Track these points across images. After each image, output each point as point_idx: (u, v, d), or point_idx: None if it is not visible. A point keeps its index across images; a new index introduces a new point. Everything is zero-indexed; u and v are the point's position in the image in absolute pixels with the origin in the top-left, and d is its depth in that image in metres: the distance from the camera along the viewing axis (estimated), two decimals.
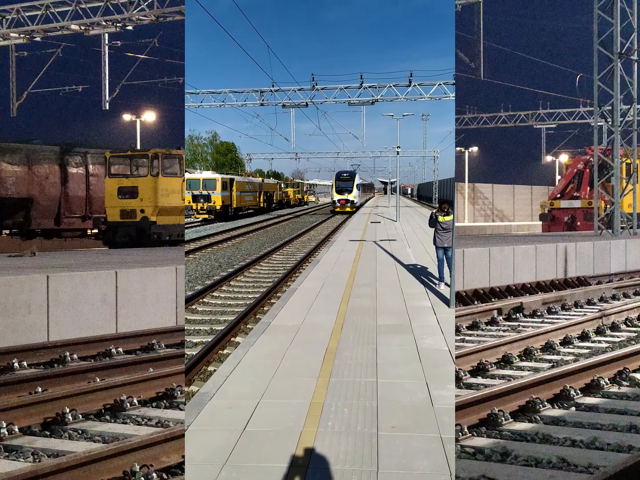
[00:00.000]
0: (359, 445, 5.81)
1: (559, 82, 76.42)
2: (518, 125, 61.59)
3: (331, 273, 17.30)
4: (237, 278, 19.86)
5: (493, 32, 52.11)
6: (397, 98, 46.24)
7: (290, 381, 7.74)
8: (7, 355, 11.13)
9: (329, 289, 14.66)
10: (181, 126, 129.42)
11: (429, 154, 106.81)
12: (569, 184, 43.30)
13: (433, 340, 9.67)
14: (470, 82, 43.14)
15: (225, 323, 13.55)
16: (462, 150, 74.92)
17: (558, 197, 43.41)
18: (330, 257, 21.18)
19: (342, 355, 8.91)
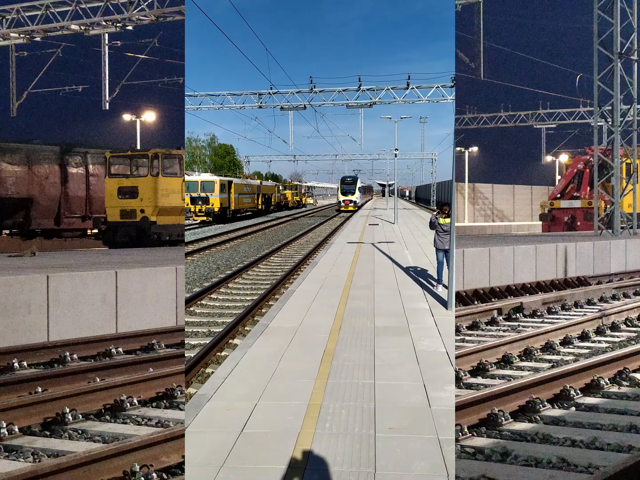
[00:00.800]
0: (356, 447, 5.81)
1: (559, 82, 76.36)
2: (518, 125, 61.59)
3: (329, 275, 17.30)
4: (235, 280, 19.85)
5: (493, 32, 52.10)
6: (395, 101, 46.22)
7: (287, 383, 7.74)
8: (7, 355, 11.13)
9: (327, 291, 14.65)
10: (181, 126, 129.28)
11: (427, 157, 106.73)
12: (569, 184, 43.30)
13: (431, 342, 9.67)
14: (470, 82, 43.17)
15: (223, 325, 13.55)
16: (462, 151, 74.91)
17: (558, 197, 43.41)
18: (328, 260, 21.17)
19: (340, 356, 8.91)
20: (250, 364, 8.62)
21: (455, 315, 13.52)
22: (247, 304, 15.60)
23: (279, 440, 5.97)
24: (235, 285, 19.19)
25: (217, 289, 17.93)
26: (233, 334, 12.41)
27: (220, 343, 11.54)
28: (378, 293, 14.18)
